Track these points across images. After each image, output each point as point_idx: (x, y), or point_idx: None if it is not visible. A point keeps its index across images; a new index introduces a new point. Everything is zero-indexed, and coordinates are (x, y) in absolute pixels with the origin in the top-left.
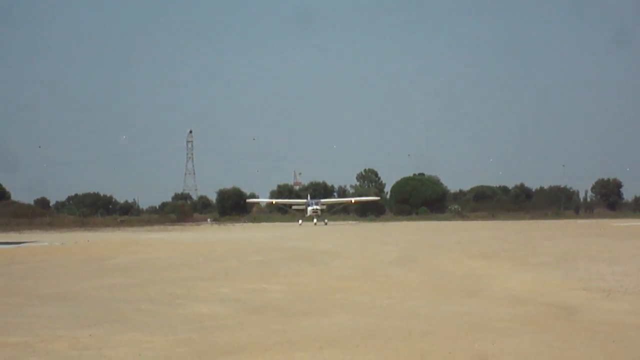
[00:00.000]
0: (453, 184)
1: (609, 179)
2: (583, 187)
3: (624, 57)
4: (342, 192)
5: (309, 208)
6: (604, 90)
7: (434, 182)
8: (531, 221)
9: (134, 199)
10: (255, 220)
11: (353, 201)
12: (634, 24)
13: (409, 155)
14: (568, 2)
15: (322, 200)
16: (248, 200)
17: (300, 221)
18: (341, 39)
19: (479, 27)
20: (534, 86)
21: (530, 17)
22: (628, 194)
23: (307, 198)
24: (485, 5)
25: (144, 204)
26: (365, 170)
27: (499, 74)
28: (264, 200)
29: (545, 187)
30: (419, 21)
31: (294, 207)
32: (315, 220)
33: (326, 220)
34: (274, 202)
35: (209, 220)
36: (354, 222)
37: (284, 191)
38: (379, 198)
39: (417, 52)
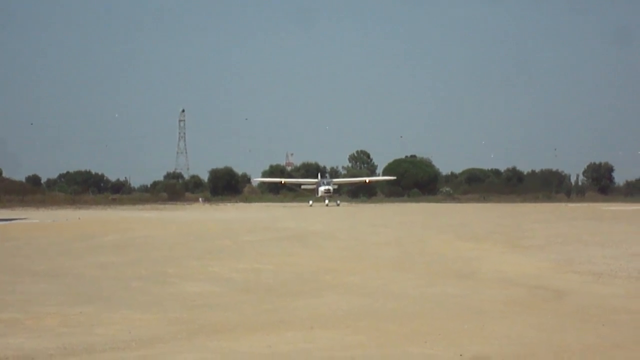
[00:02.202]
0: (445, 166)
1: (600, 163)
2: (575, 171)
3: (617, 44)
4: (334, 174)
5: (320, 188)
6: (597, 75)
7: (426, 164)
8: (522, 204)
9: (125, 178)
10: (247, 200)
11: (367, 181)
12: (629, 13)
13: (401, 137)
14: None
15: (335, 180)
16: (254, 179)
17: (310, 202)
18: (334, 22)
19: (474, 11)
20: (526, 70)
21: (523, 4)
22: (619, 178)
23: (317, 177)
24: None
25: (135, 183)
26: (357, 151)
27: (492, 58)
28: (272, 180)
29: (537, 170)
30: (413, 4)
31: (303, 186)
32: (326, 201)
33: (338, 202)
34: (282, 182)
35: (200, 199)
36: (345, 203)
37: (275, 172)
38: (394, 178)
39: (410, 34)
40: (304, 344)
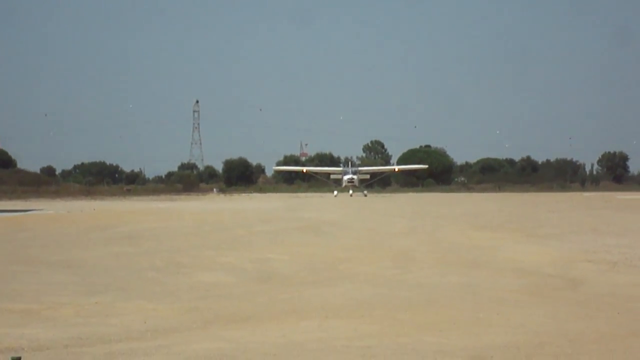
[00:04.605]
0: (459, 156)
1: (615, 152)
2: (589, 160)
3: (633, 29)
4: (348, 164)
5: (345, 177)
6: (612, 64)
7: (441, 154)
8: (537, 194)
9: (140, 168)
10: (262, 190)
11: (397, 169)
12: None
13: (415, 127)
14: None
15: (361, 168)
16: (276, 168)
17: (335, 192)
18: (347, 12)
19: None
20: (541, 59)
21: None
22: (634, 167)
23: (344, 166)
24: None
25: (150, 174)
26: (371, 141)
27: (505, 47)
28: (292, 168)
29: (552, 159)
30: None
31: (332, 176)
32: (350, 192)
33: (365, 192)
34: (304, 171)
35: (215, 190)
36: (359, 193)
37: (290, 162)
38: (426, 167)
39: (423, 23)
40: (318, 334)
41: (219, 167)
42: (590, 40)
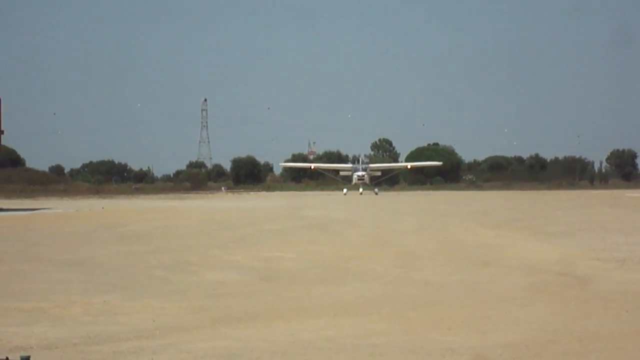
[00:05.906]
0: (467, 154)
1: (624, 150)
2: (598, 158)
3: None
4: (356, 162)
5: (355, 174)
6: (620, 61)
7: (449, 152)
8: (546, 191)
9: (148, 167)
10: (270, 189)
11: (409, 167)
12: None
13: (423, 124)
14: None
15: (372, 165)
16: (283, 165)
17: (345, 190)
18: (354, 11)
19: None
20: (549, 56)
21: None
22: None
23: (353, 163)
24: None
25: (158, 172)
26: (379, 139)
27: (513, 45)
28: (300, 165)
29: (560, 157)
30: None
31: (341, 173)
32: (361, 189)
33: (377, 190)
34: (312, 168)
35: (223, 188)
36: (367, 191)
37: (298, 160)
38: (440, 163)
39: (431, 21)
40: (326, 332)
41: (227, 165)
42: (597, 37)
